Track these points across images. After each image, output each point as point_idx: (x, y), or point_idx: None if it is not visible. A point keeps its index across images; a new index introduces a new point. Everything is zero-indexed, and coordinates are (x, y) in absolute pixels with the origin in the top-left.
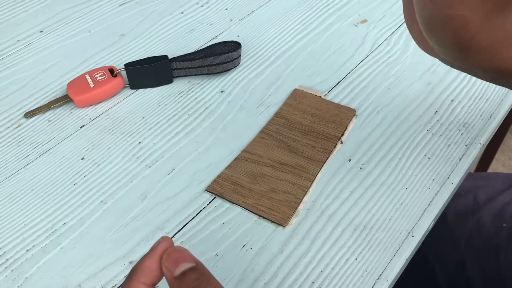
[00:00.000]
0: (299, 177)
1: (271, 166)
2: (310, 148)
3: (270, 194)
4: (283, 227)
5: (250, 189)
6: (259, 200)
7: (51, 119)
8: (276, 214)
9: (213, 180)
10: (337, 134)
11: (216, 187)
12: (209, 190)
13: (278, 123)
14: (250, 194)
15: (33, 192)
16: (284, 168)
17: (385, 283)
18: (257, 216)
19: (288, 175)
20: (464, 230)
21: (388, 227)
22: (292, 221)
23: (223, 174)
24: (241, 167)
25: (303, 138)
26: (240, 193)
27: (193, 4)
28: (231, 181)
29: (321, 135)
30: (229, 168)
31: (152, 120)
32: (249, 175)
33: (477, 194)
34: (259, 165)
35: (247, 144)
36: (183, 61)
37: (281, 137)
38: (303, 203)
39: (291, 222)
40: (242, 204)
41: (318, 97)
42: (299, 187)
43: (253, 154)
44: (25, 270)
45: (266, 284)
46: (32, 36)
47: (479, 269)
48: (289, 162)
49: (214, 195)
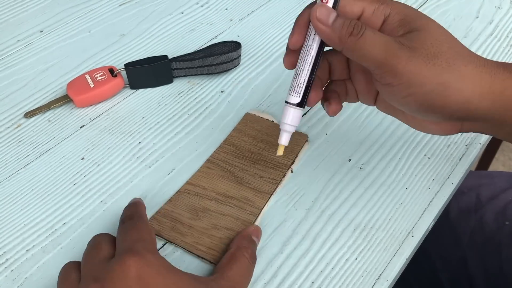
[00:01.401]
0: (244, 211)
1: (214, 199)
2: (258, 178)
3: (211, 231)
4: None
5: (190, 226)
6: (199, 238)
7: (51, 119)
8: (215, 254)
9: (151, 217)
10: (287, 162)
11: (154, 224)
12: None
13: (226, 150)
14: (189, 232)
15: (33, 192)
16: (229, 201)
17: (385, 283)
18: (197, 256)
19: (233, 209)
20: (466, 228)
21: (388, 227)
22: None
23: (162, 209)
24: (183, 201)
25: (251, 167)
26: (179, 231)
27: (193, 4)
28: (171, 217)
29: (270, 163)
30: (169, 203)
31: (152, 120)
32: (190, 210)
33: (480, 192)
34: (202, 198)
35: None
36: (183, 61)
37: (228, 166)
38: None
39: None
40: (180, 243)
41: (270, 121)
42: (242, 222)
43: (196, 186)
44: (25, 270)
45: (266, 284)
46: (32, 36)
47: (481, 266)
48: (235, 194)
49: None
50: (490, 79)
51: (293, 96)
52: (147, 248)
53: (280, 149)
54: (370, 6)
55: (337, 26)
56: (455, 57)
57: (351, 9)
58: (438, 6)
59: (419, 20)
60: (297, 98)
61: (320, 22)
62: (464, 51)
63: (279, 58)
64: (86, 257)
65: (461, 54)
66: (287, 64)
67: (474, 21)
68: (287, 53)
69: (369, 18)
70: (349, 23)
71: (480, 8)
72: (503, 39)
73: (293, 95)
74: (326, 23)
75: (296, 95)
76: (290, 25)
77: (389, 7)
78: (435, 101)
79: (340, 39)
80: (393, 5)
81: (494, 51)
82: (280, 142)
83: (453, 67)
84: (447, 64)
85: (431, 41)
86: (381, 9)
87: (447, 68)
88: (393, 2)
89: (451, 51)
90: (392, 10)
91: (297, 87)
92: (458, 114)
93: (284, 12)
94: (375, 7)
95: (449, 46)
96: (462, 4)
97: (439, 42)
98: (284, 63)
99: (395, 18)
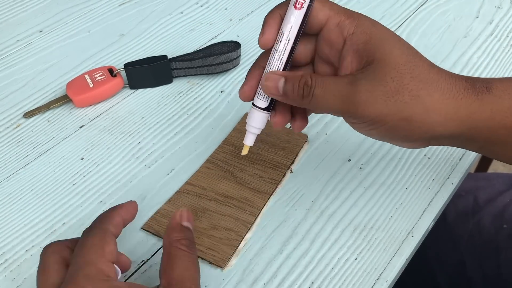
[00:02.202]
0: (243, 211)
1: (214, 199)
2: (257, 179)
3: (210, 232)
4: (222, 269)
5: None
6: (198, 238)
7: (51, 119)
8: (215, 255)
9: (151, 217)
10: (286, 162)
11: (153, 225)
12: (145, 228)
13: (225, 150)
14: None
15: (32, 192)
16: (228, 201)
17: (384, 283)
18: None
19: (232, 209)
20: (464, 231)
21: (387, 227)
22: (232, 261)
23: (161, 210)
24: (182, 202)
25: (251, 168)
26: None
27: (192, 4)
28: (170, 217)
29: (269, 163)
30: (169, 203)
31: (152, 120)
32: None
33: (477, 195)
34: (201, 198)
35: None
36: (182, 61)
37: (228, 166)
38: (245, 240)
39: (231, 262)
40: None
41: (269, 121)
42: (242, 223)
43: (196, 186)
44: (24, 270)
45: (266, 285)
46: (32, 36)
47: (479, 269)
48: (234, 194)
49: (151, 233)
50: (456, 106)
51: (261, 100)
52: (89, 276)
53: (245, 149)
54: (336, 17)
55: (288, 93)
56: (419, 88)
57: (316, 15)
58: (438, 6)
59: (382, 47)
60: (265, 103)
61: (272, 93)
62: (429, 77)
63: None
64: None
65: (426, 81)
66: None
67: (474, 21)
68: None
69: (333, 30)
70: (297, 87)
71: (480, 8)
72: (503, 39)
73: (261, 99)
74: (277, 93)
75: (264, 99)
76: None
77: (354, 24)
78: (399, 133)
79: (294, 101)
80: (359, 21)
81: (494, 51)
82: (246, 142)
83: (416, 100)
84: (410, 98)
85: (392, 75)
86: (346, 24)
87: (410, 102)
88: (360, 18)
89: (414, 81)
90: (357, 28)
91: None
92: (422, 139)
93: None
94: (340, 20)
95: (411, 76)
96: (462, 4)
97: (400, 74)
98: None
99: (360, 38)
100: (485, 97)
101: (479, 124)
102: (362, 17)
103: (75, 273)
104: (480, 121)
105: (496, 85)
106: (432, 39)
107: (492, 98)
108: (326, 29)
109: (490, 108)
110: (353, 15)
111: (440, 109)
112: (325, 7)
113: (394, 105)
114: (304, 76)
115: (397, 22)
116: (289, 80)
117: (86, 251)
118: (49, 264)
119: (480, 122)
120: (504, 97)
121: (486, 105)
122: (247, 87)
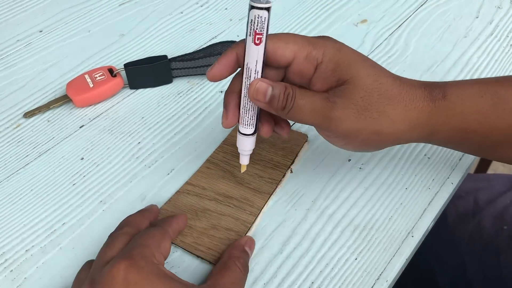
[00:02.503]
0: (243, 211)
1: (214, 199)
2: (257, 179)
3: (211, 232)
4: None
5: (190, 226)
6: (198, 238)
7: (51, 119)
8: (215, 255)
9: None
10: (286, 162)
11: None
12: None
13: (225, 151)
14: (189, 232)
15: (32, 192)
16: (228, 201)
17: (384, 283)
18: (196, 256)
19: (232, 209)
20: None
21: (387, 227)
22: None
23: (162, 210)
24: (182, 202)
25: (251, 168)
26: None
27: (192, 4)
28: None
29: (269, 163)
30: (169, 203)
31: (152, 120)
32: (190, 211)
33: (477, 196)
34: (201, 198)
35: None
36: (182, 61)
37: (228, 166)
38: None
39: None
40: (180, 243)
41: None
42: (242, 222)
43: (196, 186)
44: (24, 270)
45: (266, 284)
46: (32, 36)
47: (479, 271)
48: (234, 194)
49: None
50: (417, 114)
51: (247, 128)
52: (144, 254)
53: (242, 168)
54: (302, 51)
55: (273, 101)
56: (385, 104)
57: (282, 54)
58: (438, 6)
59: (349, 72)
60: (251, 129)
61: (258, 100)
62: (393, 92)
63: None
64: (97, 256)
65: (391, 97)
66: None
67: (474, 21)
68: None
69: (302, 63)
70: (282, 98)
71: (480, 8)
72: (503, 39)
73: (246, 127)
74: (263, 101)
75: (250, 127)
76: (290, 25)
77: (321, 52)
78: (370, 144)
79: (276, 111)
80: (325, 49)
81: (494, 51)
82: (242, 162)
83: (383, 115)
84: (378, 114)
85: (361, 94)
86: (313, 55)
87: (378, 118)
88: (325, 45)
89: (381, 98)
90: (325, 56)
91: (249, 120)
92: (392, 145)
93: (284, 12)
94: (307, 52)
95: (378, 93)
96: (462, 4)
97: (369, 93)
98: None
99: (328, 66)
100: (441, 104)
101: (438, 128)
102: (327, 44)
103: (131, 250)
104: (437, 125)
105: (450, 92)
106: (432, 39)
107: (446, 104)
108: (295, 63)
109: (445, 113)
110: (318, 44)
111: (404, 120)
112: (289, 44)
113: (365, 121)
114: (288, 87)
115: (397, 22)
116: (275, 89)
117: (146, 238)
118: (114, 240)
119: (438, 127)
120: (457, 103)
121: (442, 111)
122: (231, 116)
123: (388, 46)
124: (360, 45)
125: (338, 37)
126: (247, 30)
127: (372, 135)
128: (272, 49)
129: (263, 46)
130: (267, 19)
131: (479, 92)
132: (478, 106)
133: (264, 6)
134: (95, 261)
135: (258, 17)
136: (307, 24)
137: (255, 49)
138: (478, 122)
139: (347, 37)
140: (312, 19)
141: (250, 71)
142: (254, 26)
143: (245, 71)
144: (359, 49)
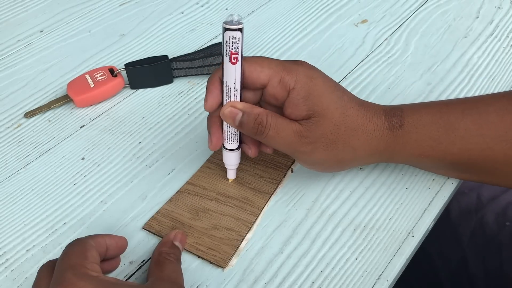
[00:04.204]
0: (244, 211)
1: (215, 199)
2: (258, 179)
3: (211, 232)
4: (223, 268)
5: (191, 226)
6: (199, 238)
7: (51, 119)
8: (216, 255)
9: (151, 217)
10: (287, 162)
11: (154, 224)
12: (146, 228)
13: None
14: (190, 232)
15: (33, 192)
16: (229, 201)
17: (385, 283)
18: (197, 256)
19: (233, 209)
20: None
21: (388, 227)
22: (232, 261)
23: (162, 209)
24: (183, 201)
25: (252, 167)
26: None
27: (193, 4)
28: (171, 217)
29: (270, 163)
30: (169, 203)
31: (152, 120)
32: (190, 210)
33: (480, 192)
34: (202, 198)
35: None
36: (183, 61)
37: None
38: (246, 240)
39: (232, 262)
40: None
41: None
42: (243, 222)
43: (197, 186)
44: (25, 270)
45: (266, 284)
46: (32, 36)
47: (481, 266)
48: (235, 194)
49: (152, 233)
50: (376, 142)
51: (231, 144)
52: (77, 273)
53: (230, 180)
54: (276, 75)
55: (244, 127)
56: (350, 136)
57: (257, 77)
58: (438, 6)
59: (320, 103)
60: (235, 144)
61: (229, 123)
62: (358, 123)
63: (279, 58)
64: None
65: (355, 128)
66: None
67: (474, 21)
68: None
69: (276, 87)
70: (251, 126)
71: (480, 8)
72: (503, 39)
73: (230, 142)
74: (233, 125)
75: (233, 142)
76: (290, 25)
77: (294, 79)
78: (333, 169)
79: (250, 134)
80: (298, 76)
81: (494, 51)
82: (229, 177)
83: (347, 146)
84: (343, 146)
85: (331, 129)
86: (286, 80)
87: (342, 149)
88: (298, 72)
89: (347, 130)
90: (297, 83)
91: (232, 136)
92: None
93: (284, 12)
94: (280, 77)
95: (345, 126)
96: (462, 4)
97: (337, 127)
98: (213, 148)
99: (300, 93)
100: (398, 133)
101: (395, 154)
102: (300, 71)
103: (61, 275)
104: (395, 152)
105: (407, 120)
106: (432, 39)
107: (403, 132)
108: (270, 86)
109: (401, 141)
110: (291, 69)
111: (365, 148)
112: (264, 67)
113: (332, 152)
114: (261, 115)
115: (397, 22)
116: (246, 115)
117: (69, 258)
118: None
119: (395, 153)
120: (412, 131)
121: (399, 139)
122: (215, 140)
123: (388, 46)
124: (360, 45)
125: (338, 37)
126: (223, 51)
127: (336, 163)
128: (248, 72)
129: (239, 64)
130: (240, 39)
131: (432, 119)
132: (431, 133)
133: (237, 27)
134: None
135: (232, 38)
136: (308, 24)
137: (232, 68)
138: (431, 148)
139: (347, 37)
140: (312, 19)
141: (229, 89)
142: (229, 47)
143: (225, 89)
144: (359, 50)
